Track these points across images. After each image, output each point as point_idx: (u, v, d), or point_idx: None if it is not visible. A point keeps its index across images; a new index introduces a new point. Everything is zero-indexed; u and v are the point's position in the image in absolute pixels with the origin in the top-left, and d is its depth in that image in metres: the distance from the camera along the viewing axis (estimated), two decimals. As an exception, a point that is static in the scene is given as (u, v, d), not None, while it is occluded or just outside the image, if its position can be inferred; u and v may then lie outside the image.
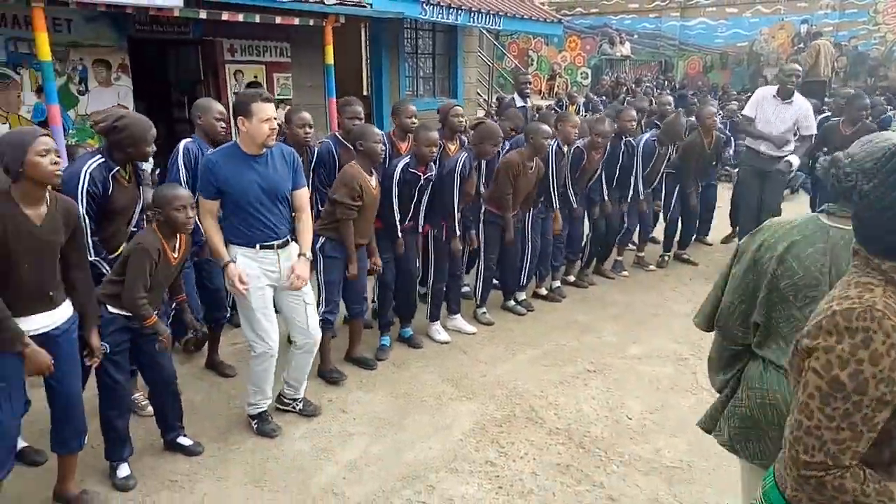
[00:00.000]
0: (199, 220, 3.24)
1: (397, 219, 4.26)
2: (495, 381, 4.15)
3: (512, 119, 5.67)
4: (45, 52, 4.67)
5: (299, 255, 3.40)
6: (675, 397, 3.97)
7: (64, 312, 2.66)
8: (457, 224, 4.51)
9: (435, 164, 4.39)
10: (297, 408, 3.70)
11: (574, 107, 11.14)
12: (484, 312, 5.14)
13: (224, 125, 3.91)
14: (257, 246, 3.26)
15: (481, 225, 4.95)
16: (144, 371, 3.18)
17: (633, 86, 14.62)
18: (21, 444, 3.11)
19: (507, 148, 5.07)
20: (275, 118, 3.16)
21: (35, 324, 2.53)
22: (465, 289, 5.29)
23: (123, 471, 3.08)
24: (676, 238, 6.62)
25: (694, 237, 6.94)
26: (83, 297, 2.75)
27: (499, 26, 8.88)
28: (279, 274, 3.34)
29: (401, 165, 4.21)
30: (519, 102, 6.88)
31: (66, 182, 2.83)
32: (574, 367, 4.36)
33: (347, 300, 4.19)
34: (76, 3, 4.80)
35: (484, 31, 11.18)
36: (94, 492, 2.96)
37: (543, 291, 5.65)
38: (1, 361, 2.41)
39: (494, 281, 5.33)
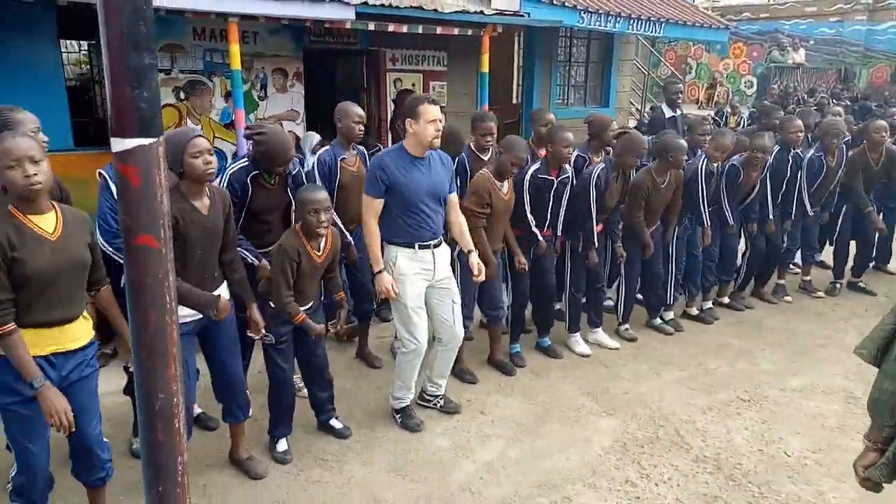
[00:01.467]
0: (364, 219, 3.41)
1: (533, 225, 4.25)
2: (638, 400, 4.02)
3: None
4: (236, 61, 5.24)
5: (468, 251, 3.55)
6: (844, 438, 3.60)
7: (224, 294, 2.95)
8: (594, 235, 4.41)
9: (574, 171, 4.34)
10: (439, 405, 3.82)
11: (736, 117, 10.46)
12: (626, 328, 4.99)
13: (361, 128, 4.00)
14: (416, 245, 3.41)
15: (620, 240, 4.82)
16: (301, 358, 3.43)
17: (805, 96, 13.44)
18: (197, 410, 3.51)
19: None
20: (440, 120, 3.30)
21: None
22: (609, 303, 5.17)
23: (282, 445, 3.36)
24: (850, 264, 6.00)
25: (872, 264, 6.25)
26: (238, 276, 3.02)
27: (659, 33, 8.57)
28: (433, 272, 3.48)
29: (531, 171, 4.21)
30: (668, 112, 6.57)
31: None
32: (725, 394, 4.11)
33: (484, 306, 4.25)
34: (265, 17, 5.33)
35: (640, 38, 10.85)
36: (258, 459, 3.26)
37: (694, 311, 5.38)
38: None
39: (638, 297, 5.16)
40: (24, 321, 2.22)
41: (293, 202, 3.47)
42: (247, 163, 3.39)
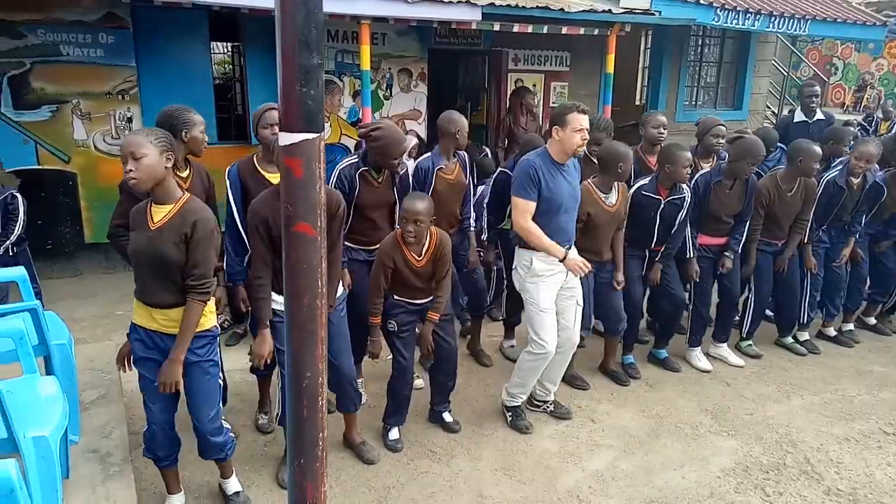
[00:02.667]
0: (518, 222, 3.38)
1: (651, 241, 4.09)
2: (763, 422, 3.77)
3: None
4: (366, 62, 5.45)
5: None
6: None
7: (338, 290, 3.06)
8: (690, 246, 4.17)
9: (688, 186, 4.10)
10: (549, 409, 3.79)
11: (888, 123, 9.50)
12: (750, 345, 4.69)
13: (465, 138, 3.91)
14: None
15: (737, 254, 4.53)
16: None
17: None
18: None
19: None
20: (587, 129, 3.26)
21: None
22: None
23: (394, 434, 3.47)
24: None
25: None
26: (335, 276, 3.06)
27: (804, 31, 7.94)
28: (565, 275, 3.47)
29: (635, 187, 4.03)
30: (799, 117, 6.05)
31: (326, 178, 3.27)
32: (866, 425, 3.76)
33: (603, 317, 4.15)
34: (395, 19, 5.50)
35: (780, 37, 10.11)
36: (369, 445, 3.38)
37: (832, 332, 4.96)
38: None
39: (768, 313, 4.83)
40: (135, 293, 2.53)
41: (398, 202, 3.52)
42: (356, 159, 3.50)
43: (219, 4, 4.91)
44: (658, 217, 4.01)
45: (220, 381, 2.74)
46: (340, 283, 3.11)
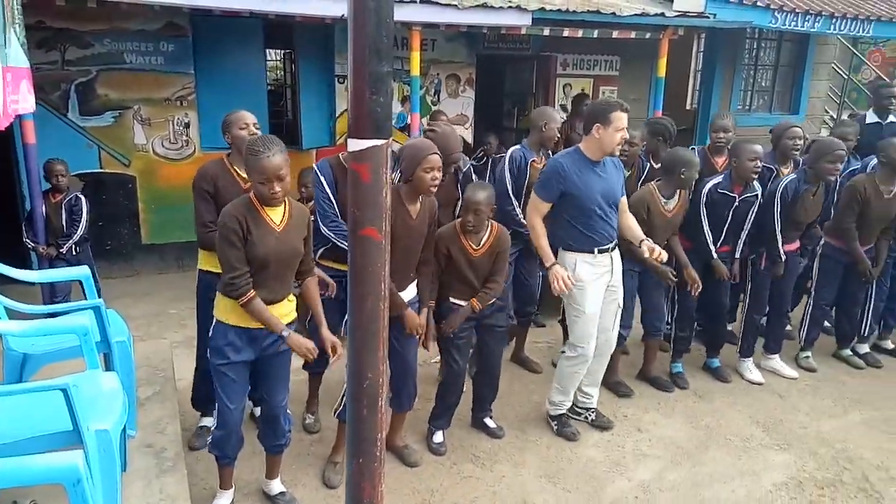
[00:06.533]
0: (528, 215, 3.44)
1: (710, 240, 4.00)
2: (818, 437, 3.65)
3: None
4: (416, 68, 5.51)
5: (640, 241, 3.44)
6: None
7: (412, 291, 3.11)
8: (779, 252, 4.05)
9: (761, 184, 4.03)
10: (590, 418, 3.74)
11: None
12: (807, 357, 4.54)
13: (557, 134, 4.05)
14: (595, 250, 3.35)
15: (818, 258, 4.38)
16: (478, 353, 3.53)
17: None
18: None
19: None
20: (626, 128, 3.23)
21: (406, 295, 3.05)
22: (787, 328, 4.72)
23: (438, 437, 3.49)
24: None
25: None
26: (423, 282, 3.15)
27: (868, 33, 7.65)
28: (612, 274, 3.43)
29: (710, 185, 3.96)
30: (872, 118, 5.80)
31: None
32: (929, 444, 3.60)
33: (646, 320, 4.08)
34: (445, 25, 5.55)
35: (841, 39, 9.77)
36: (413, 448, 3.40)
37: (890, 345, 4.76)
38: None
39: (826, 324, 4.66)
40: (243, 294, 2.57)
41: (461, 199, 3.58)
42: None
43: (274, 13, 5.04)
44: (731, 215, 3.96)
45: None
46: (412, 286, 3.13)
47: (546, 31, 5.85)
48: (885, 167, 4.13)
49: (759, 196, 4.01)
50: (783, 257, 4.07)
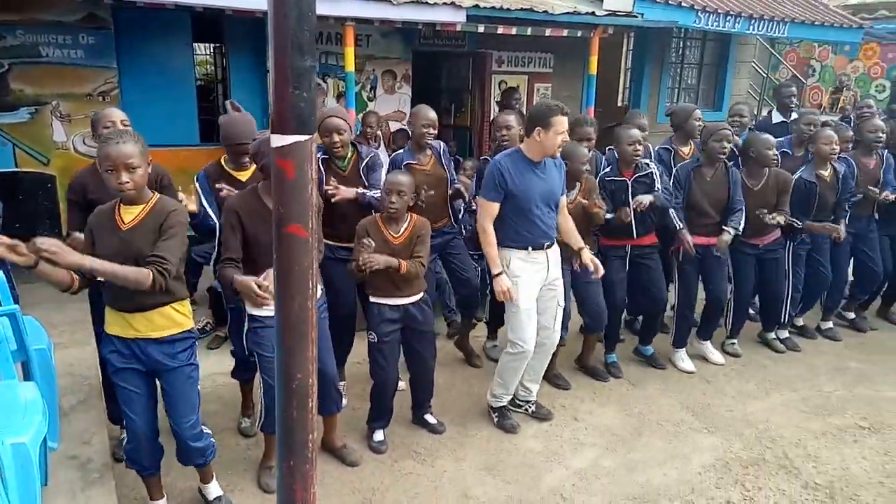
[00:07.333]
0: (479, 221, 3.43)
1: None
2: (743, 419, 3.83)
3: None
4: (350, 63, 5.45)
5: (579, 248, 3.54)
6: (981, 480, 3.27)
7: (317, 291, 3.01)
8: (678, 234, 4.19)
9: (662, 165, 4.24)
10: (530, 410, 3.80)
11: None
12: (733, 343, 4.76)
13: (432, 132, 3.90)
14: (530, 248, 3.40)
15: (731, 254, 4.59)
16: (408, 357, 3.50)
17: (949, 102, 12.20)
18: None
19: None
20: (567, 131, 3.28)
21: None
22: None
23: (378, 436, 3.47)
24: None
25: None
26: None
27: (783, 34, 8.06)
28: (547, 272, 3.48)
29: (599, 176, 4.13)
30: (777, 118, 6.13)
31: None
32: (842, 420, 3.83)
33: (586, 314, 4.16)
34: (379, 21, 5.50)
35: (760, 39, 10.27)
36: (352, 447, 3.38)
37: (800, 322, 5.06)
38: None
39: (751, 311, 4.90)
40: (106, 301, 2.47)
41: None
42: (318, 152, 3.52)
43: (202, 5, 4.88)
44: (630, 198, 4.04)
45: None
46: (319, 285, 3.09)
47: (481, 28, 5.89)
48: (751, 161, 4.31)
49: (656, 174, 4.10)
50: (691, 242, 4.14)
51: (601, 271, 3.53)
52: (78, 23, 5.41)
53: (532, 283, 3.44)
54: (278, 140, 0.86)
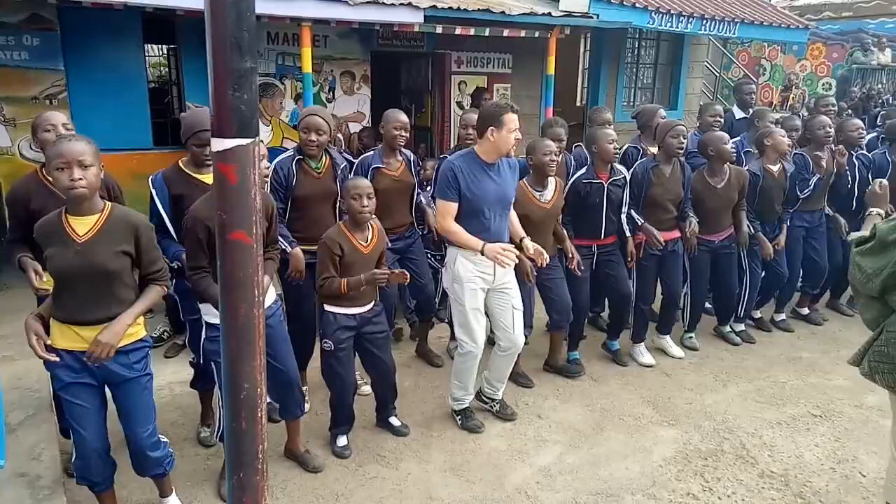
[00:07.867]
0: (439, 223, 3.41)
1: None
2: (702, 411, 3.91)
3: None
4: (307, 64, 5.39)
5: (520, 238, 3.52)
6: (925, 462, 3.40)
7: (270, 296, 2.95)
8: (630, 232, 4.30)
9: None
10: (495, 409, 3.81)
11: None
12: (690, 337, 4.85)
13: (403, 135, 3.91)
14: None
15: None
16: (367, 363, 3.46)
17: (890, 98, 12.71)
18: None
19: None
20: (518, 129, 3.27)
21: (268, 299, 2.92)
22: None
23: (341, 441, 3.43)
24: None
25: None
26: (269, 267, 2.94)
27: (734, 34, 8.28)
28: (493, 276, 3.45)
29: (575, 178, 4.15)
30: (738, 114, 6.31)
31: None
32: (795, 409, 3.95)
33: (553, 310, 4.19)
34: (336, 22, 5.45)
35: (712, 39, 10.53)
36: (314, 453, 3.33)
37: (757, 315, 5.21)
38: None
39: (707, 305, 5.01)
40: (58, 317, 2.39)
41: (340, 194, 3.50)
42: (291, 152, 3.50)
43: (152, 5, 4.76)
44: (606, 200, 4.11)
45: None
46: (272, 289, 3.01)
47: (439, 29, 5.89)
48: (712, 160, 4.42)
49: (627, 177, 4.23)
50: (657, 236, 4.22)
51: (546, 258, 3.49)
52: (21, 23, 5.22)
53: (477, 283, 3.42)
54: (219, 144, 0.84)
